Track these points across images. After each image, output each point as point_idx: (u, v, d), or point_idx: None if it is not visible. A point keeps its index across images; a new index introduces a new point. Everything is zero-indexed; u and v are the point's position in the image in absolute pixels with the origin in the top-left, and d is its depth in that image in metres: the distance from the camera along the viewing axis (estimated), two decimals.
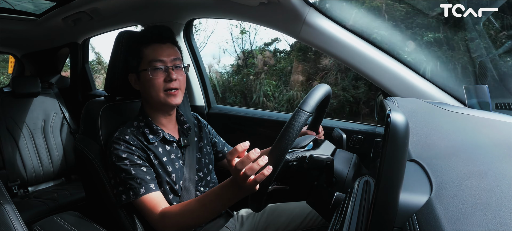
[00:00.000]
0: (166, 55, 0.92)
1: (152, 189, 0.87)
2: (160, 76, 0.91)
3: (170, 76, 0.90)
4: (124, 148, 0.88)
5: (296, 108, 0.68)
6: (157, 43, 0.93)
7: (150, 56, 0.91)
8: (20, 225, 0.74)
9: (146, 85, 0.92)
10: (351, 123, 1.22)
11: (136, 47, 0.94)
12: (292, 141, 0.64)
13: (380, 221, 0.39)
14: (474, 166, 0.50)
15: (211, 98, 1.61)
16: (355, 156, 0.84)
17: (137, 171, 0.87)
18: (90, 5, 1.53)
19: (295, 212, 1.01)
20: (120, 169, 0.86)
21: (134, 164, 0.87)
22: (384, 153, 0.38)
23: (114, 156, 0.87)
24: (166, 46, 0.94)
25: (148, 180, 0.87)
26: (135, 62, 0.94)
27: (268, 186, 0.68)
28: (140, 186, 0.86)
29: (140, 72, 0.93)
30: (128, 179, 0.86)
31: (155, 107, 0.96)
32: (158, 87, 0.91)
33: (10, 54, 2.46)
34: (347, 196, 0.63)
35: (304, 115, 0.66)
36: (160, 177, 0.92)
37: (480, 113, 0.82)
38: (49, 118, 1.96)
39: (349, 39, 1.03)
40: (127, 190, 0.86)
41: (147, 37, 0.93)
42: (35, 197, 1.69)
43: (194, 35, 1.60)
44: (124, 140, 0.89)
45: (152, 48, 0.92)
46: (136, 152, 0.89)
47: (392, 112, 0.39)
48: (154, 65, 0.91)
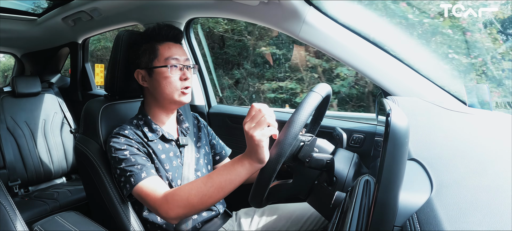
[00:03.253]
0: (180, 54, 0.93)
1: (153, 173, 0.86)
2: (177, 74, 0.92)
3: (186, 75, 0.92)
4: (123, 141, 0.88)
5: (309, 91, 0.72)
6: (172, 41, 0.94)
7: (166, 53, 0.91)
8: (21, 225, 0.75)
9: (160, 82, 0.91)
10: (352, 122, 1.22)
11: (150, 43, 0.94)
12: (304, 121, 0.67)
13: (381, 220, 0.39)
14: (474, 165, 0.50)
15: (211, 98, 1.61)
16: (355, 155, 0.84)
17: (137, 158, 0.86)
18: (90, 5, 1.53)
19: (294, 215, 1.01)
20: (120, 159, 0.86)
21: (133, 154, 0.87)
22: (384, 152, 0.38)
23: (113, 149, 0.87)
24: (179, 45, 0.95)
25: (149, 166, 0.87)
26: (147, 58, 0.93)
27: (271, 179, 0.68)
28: (141, 171, 0.84)
29: (153, 68, 0.92)
30: (128, 167, 0.85)
31: (163, 104, 0.95)
32: (174, 85, 0.91)
33: (10, 54, 2.47)
34: (347, 195, 0.63)
35: (317, 96, 0.71)
36: (159, 172, 0.91)
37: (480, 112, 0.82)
38: (50, 117, 1.96)
39: (349, 38, 1.03)
40: (128, 177, 0.84)
41: (162, 35, 0.93)
42: (36, 197, 1.69)
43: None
44: (123, 135, 0.89)
45: (168, 46, 0.92)
46: (135, 145, 0.89)
47: (392, 111, 0.39)
48: (171, 63, 0.91)
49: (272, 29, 1.18)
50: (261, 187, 0.69)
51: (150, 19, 1.48)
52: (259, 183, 0.69)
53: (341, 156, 0.81)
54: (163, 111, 0.97)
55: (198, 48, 1.59)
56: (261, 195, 0.70)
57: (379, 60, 1.01)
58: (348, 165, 0.78)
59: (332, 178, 0.76)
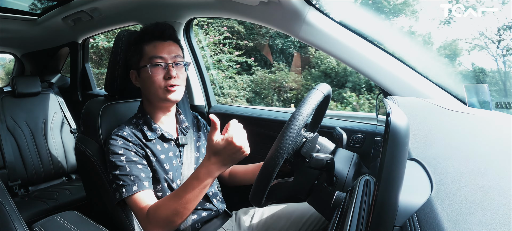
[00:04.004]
0: (167, 52, 0.92)
1: (145, 187, 0.86)
2: (159, 73, 0.91)
3: (170, 73, 0.90)
4: (121, 144, 0.88)
5: (312, 88, 0.74)
6: (158, 40, 0.93)
7: (151, 53, 0.92)
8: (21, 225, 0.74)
9: (146, 82, 0.92)
10: (352, 122, 1.22)
11: (137, 44, 0.94)
12: (307, 116, 0.68)
13: (381, 220, 0.39)
14: (474, 165, 0.50)
15: (211, 97, 1.61)
16: (355, 155, 0.84)
17: (132, 168, 0.86)
18: (90, 5, 1.53)
19: (295, 215, 1.00)
20: (115, 165, 0.86)
21: (129, 161, 0.87)
22: (384, 152, 0.38)
23: (110, 152, 0.87)
24: (167, 43, 0.94)
25: (142, 178, 0.87)
26: (136, 59, 0.94)
27: (272, 177, 0.68)
28: (134, 183, 0.85)
29: (140, 68, 0.93)
30: (122, 176, 0.85)
31: (154, 104, 0.96)
32: (157, 84, 0.91)
33: (10, 54, 2.46)
34: (347, 195, 0.63)
35: (320, 94, 0.73)
36: (158, 174, 0.91)
37: (480, 112, 0.82)
38: (50, 117, 1.95)
39: (349, 38, 1.03)
40: (120, 187, 0.85)
41: (148, 34, 0.94)
42: (36, 197, 1.69)
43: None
44: (122, 136, 0.89)
45: (153, 45, 0.92)
46: (133, 148, 0.89)
47: (393, 111, 0.39)
48: (153, 61, 0.91)
49: (272, 28, 1.17)
50: (262, 186, 0.68)
51: (150, 19, 1.48)
52: (260, 182, 0.69)
53: (341, 156, 0.81)
54: (159, 110, 0.97)
55: (198, 48, 1.59)
56: (261, 194, 0.70)
57: (379, 60, 1.01)
58: (348, 165, 0.78)
59: (332, 178, 0.76)
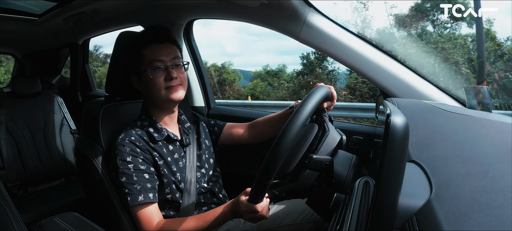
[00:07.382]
0: (165, 54, 0.93)
1: (150, 199, 0.88)
2: (160, 75, 0.91)
3: (170, 75, 0.91)
4: (129, 151, 0.89)
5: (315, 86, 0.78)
6: (156, 43, 0.93)
7: (150, 56, 0.92)
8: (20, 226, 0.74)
9: (147, 86, 0.93)
10: (351, 124, 1.22)
11: (135, 50, 0.95)
12: (310, 111, 0.69)
13: (380, 222, 0.39)
14: (473, 167, 0.50)
15: (210, 98, 1.61)
16: (354, 157, 0.84)
17: (139, 178, 0.88)
18: (90, 6, 1.53)
19: (295, 214, 1.00)
20: (122, 173, 0.88)
21: (137, 169, 0.88)
22: (384, 154, 0.38)
23: (118, 157, 0.88)
24: (165, 45, 0.94)
25: (148, 188, 0.88)
26: (135, 64, 0.94)
27: (270, 179, 0.68)
28: (140, 193, 0.87)
29: (141, 73, 0.94)
30: (128, 184, 0.87)
31: (158, 105, 0.96)
32: (159, 86, 0.91)
33: (10, 54, 2.46)
34: (346, 197, 0.63)
35: (325, 89, 0.78)
36: (166, 177, 0.92)
37: (480, 114, 0.82)
38: (49, 118, 1.95)
39: (349, 40, 1.03)
40: (126, 194, 0.87)
41: (145, 39, 0.94)
42: (35, 198, 1.68)
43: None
44: (130, 141, 0.90)
45: (151, 49, 0.93)
46: (140, 155, 0.90)
47: (392, 113, 0.39)
48: (154, 65, 0.91)
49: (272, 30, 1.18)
50: (262, 185, 0.69)
51: (150, 20, 1.49)
52: (260, 181, 0.69)
53: (340, 158, 0.81)
54: (163, 112, 0.98)
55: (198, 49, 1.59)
56: (262, 193, 0.70)
57: (379, 62, 1.01)
58: (347, 166, 0.78)
59: (331, 180, 0.76)
